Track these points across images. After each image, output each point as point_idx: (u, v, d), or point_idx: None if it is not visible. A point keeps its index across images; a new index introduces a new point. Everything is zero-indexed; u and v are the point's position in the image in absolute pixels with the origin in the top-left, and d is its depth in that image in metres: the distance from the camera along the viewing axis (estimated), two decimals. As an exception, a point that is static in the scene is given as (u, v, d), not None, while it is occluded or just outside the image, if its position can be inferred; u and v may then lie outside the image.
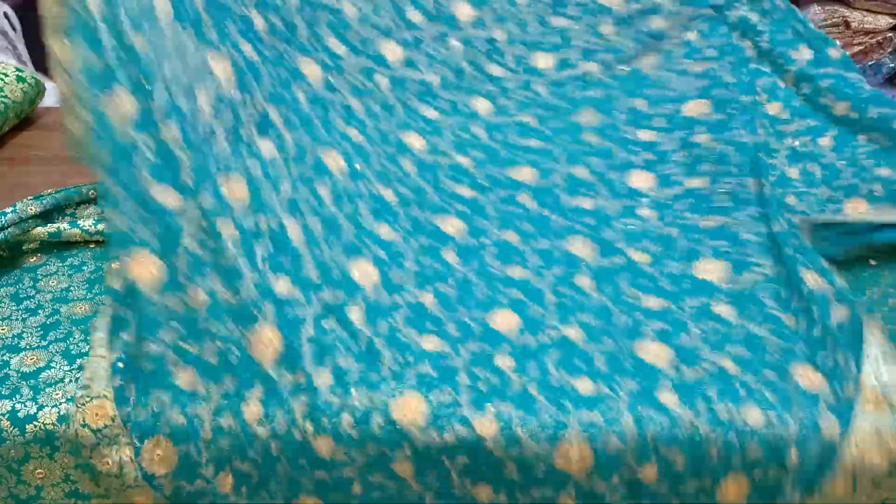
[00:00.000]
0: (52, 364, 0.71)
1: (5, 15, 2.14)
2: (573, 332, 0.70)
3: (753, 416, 0.62)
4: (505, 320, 0.72)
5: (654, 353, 0.68)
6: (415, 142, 0.92)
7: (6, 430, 0.65)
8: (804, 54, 1.06)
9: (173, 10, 0.67)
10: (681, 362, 0.67)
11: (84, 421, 0.62)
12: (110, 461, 0.62)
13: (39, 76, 1.34)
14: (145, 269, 0.63)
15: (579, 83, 1.06)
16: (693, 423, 0.62)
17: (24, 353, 0.72)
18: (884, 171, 0.88)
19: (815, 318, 0.70)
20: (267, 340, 0.63)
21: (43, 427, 0.65)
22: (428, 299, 0.73)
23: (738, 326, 0.72)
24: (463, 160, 0.92)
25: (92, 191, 0.97)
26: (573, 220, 0.86)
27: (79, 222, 0.90)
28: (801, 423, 0.62)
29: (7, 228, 0.85)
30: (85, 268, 0.86)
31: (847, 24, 2.16)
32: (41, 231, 0.88)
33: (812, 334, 0.69)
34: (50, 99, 1.39)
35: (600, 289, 0.77)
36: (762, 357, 0.68)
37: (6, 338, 0.75)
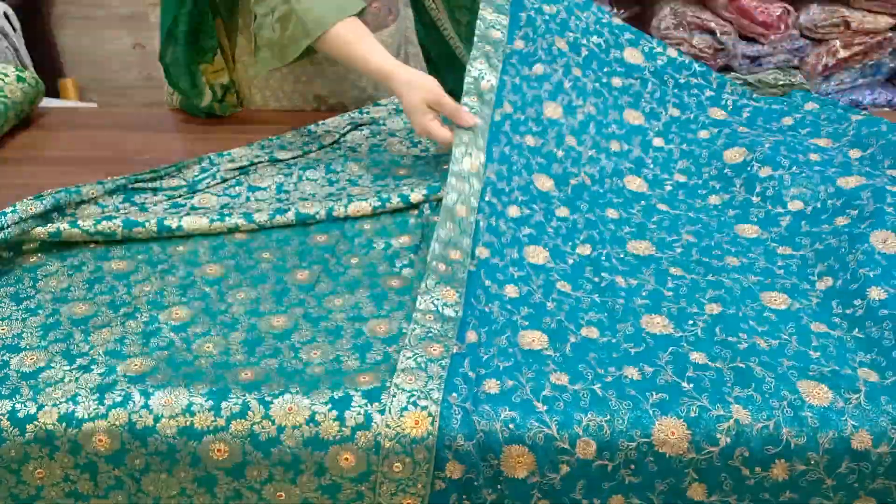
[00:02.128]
0: (52, 364, 0.71)
1: (5, 15, 2.14)
2: None
3: None
4: None
5: None
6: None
7: (6, 430, 0.65)
8: None
9: None
10: None
11: None
12: None
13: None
14: None
15: None
16: None
17: (24, 353, 0.72)
18: None
19: None
20: None
21: (43, 427, 0.65)
22: None
23: None
24: None
25: (92, 191, 0.97)
26: None
27: (79, 222, 0.90)
28: None
29: (7, 228, 0.85)
30: (85, 268, 0.86)
31: (847, 24, 2.16)
32: (41, 231, 0.88)
33: None
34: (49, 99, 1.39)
35: None
36: None
37: (6, 338, 0.75)
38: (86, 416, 0.65)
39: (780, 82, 2.24)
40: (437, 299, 0.77)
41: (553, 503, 0.66)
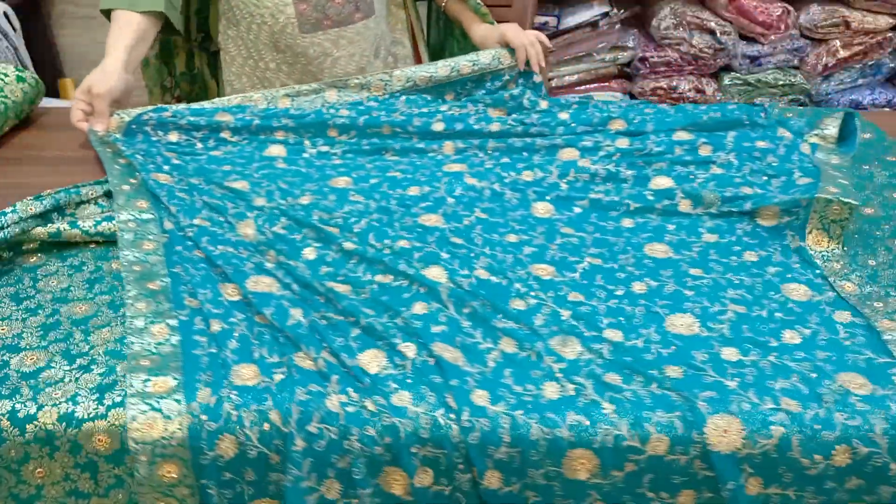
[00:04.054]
0: (52, 364, 0.71)
1: (5, 15, 2.14)
2: None
3: None
4: None
5: None
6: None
7: (6, 430, 0.65)
8: None
9: None
10: None
11: None
12: None
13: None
14: None
15: None
16: None
17: (24, 353, 0.72)
18: None
19: None
20: None
21: (43, 427, 0.65)
22: None
23: None
24: None
25: (92, 191, 0.97)
26: None
27: (79, 222, 0.90)
28: None
29: (7, 228, 0.85)
30: (85, 268, 0.86)
31: (847, 24, 2.16)
32: (41, 231, 0.88)
33: None
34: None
35: None
36: None
37: (6, 338, 0.75)
38: (86, 416, 0.65)
39: (780, 82, 2.24)
40: (132, 210, 0.92)
41: None
